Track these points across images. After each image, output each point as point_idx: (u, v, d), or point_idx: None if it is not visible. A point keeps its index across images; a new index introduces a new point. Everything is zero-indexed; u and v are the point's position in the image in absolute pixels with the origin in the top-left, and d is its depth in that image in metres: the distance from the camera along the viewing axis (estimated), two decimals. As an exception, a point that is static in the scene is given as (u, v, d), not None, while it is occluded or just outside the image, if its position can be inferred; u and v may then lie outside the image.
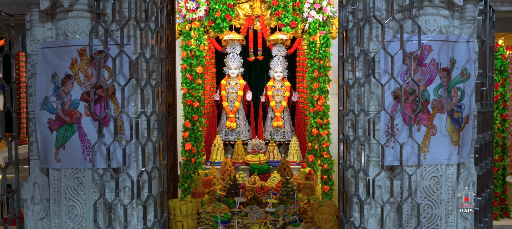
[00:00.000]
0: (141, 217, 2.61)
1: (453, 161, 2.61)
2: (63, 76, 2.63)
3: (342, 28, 2.75)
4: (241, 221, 3.16)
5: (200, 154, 4.98)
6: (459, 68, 2.61)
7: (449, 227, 2.64)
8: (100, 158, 2.59)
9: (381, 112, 2.52)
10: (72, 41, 2.61)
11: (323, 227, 2.89)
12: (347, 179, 2.78)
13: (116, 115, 2.49)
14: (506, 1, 2.73)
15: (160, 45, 2.75)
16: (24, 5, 2.76)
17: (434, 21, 2.57)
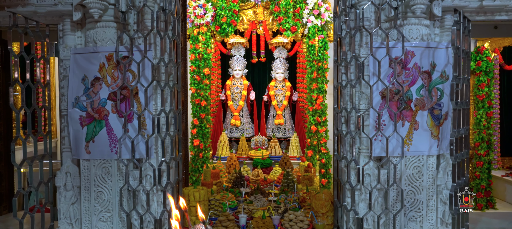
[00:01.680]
0: (160, 202, 2.99)
1: (433, 153, 2.99)
2: (92, 78, 3.01)
3: (336, 36, 3.13)
4: (246, 207, 3.54)
5: (207, 150, 5.35)
6: (439, 71, 2.99)
7: (429, 210, 3.02)
8: (125, 150, 2.97)
9: (370, 109, 2.89)
10: (101, 48, 2.99)
11: (320, 212, 3.27)
12: (340, 169, 3.15)
13: (140, 112, 2.87)
14: (480, 12, 3.10)
15: (176, 51, 3.13)
16: (57, 16, 3.14)
17: (416, 30, 2.94)
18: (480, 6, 3.01)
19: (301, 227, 3.15)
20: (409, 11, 2.89)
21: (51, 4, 3.09)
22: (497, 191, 5.48)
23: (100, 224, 3.05)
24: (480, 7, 3.02)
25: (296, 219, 3.20)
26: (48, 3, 3.10)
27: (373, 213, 2.92)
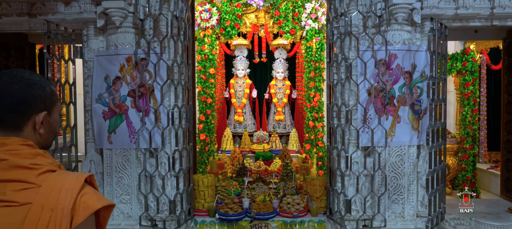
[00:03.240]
0: (174, 186, 3.40)
1: (414, 143, 3.39)
2: (114, 77, 3.43)
3: (328, 40, 3.53)
4: (249, 193, 3.96)
5: (213, 143, 5.77)
6: (419, 71, 3.39)
7: (410, 194, 3.42)
8: (142, 140, 3.38)
9: (358, 105, 3.30)
10: (121, 51, 3.40)
11: (314, 196, 3.68)
12: (332, 157, 3.56)
13: (156, 107, 3.29)
14: (456, 19, 3.49)
15: (187, 53, 3.54)
16: (82, 23, 3.55)
17: (399, 35, 3.34)
18: (455, 14, 3.40)
19: (297, 209, 3.56)
20: (392, 18, 3.28)
21: (77, 12, 3.51)
22: (483, 182, 5.87)
23: (121, 205, 3.47)
24: (455, 15, 3.42)
25: (293, 202, 3.62)
26: (74, 11, 3.52)
27: (360, 195, 3.32)
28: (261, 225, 3.43)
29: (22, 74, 1.07)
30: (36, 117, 1.06)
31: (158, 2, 3.34)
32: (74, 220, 0.96)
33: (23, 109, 1.04)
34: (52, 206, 0.94)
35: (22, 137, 1.04)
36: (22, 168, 0.98)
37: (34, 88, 1.06)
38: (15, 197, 0.94)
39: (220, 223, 3.52)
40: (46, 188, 0.96)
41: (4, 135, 1.03)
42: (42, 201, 0.94)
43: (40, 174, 0.99)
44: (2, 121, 1.03)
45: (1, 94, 1.02)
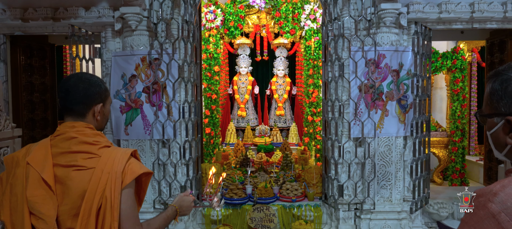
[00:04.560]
0: (184, 173, 3.78)
1: (401, 134, 3.75)
2: (130, 75, 3.80)
3: (323, 41, 3.89)
4: (252, 181, 4.34)
5: (217, 137, 6.15)
6: (406, 70, 3.74)
7: (397, 180, 3.79)
8: (156, 132, 3.76)
9: (350, 100, 3.66)
10: (136, 51, 3.77)
11: (311, 183, 4.05)
12: (327, 147, 3.92)
13: (168, 102, 3.67)
14: (440, 22, 3.83)
15: (196, 53, 3.91)
16: (100, 26, 3.92)
17: (387, 37, 3.69)
18: (438, 18, 3.75)
19: (295, 194, 3.94)
20: (381, 22, 3.63)
21: (96, 16, 3.88)
22: (472, 173, 6.23)
23: (136, 190, 3.85)
24: (439, 18, 3.76)
25: (292, 188, 3.99)
26: (93, 15, 3.89)
27: (352, 181, 3.69)
28: (263, 208, 3.80)
29: (85, 76, 1.45)
30: (95, 107, 1.44)
31: (170, 8, 3.71)
32: (124, 181, 1.33)
33: (86, 101, 1.41)
34: (109, 170, 1.32)
35: (85, 122, 1.42)
36: (87, 144, 1.36)
37: (94, 86, 1.44)
38: (84, 163, 1.32)
39: (225, 207, 3.90)
40: (104, 158, 1.34)
41: (73, 120, 1.41)
42: (102, 167, 1.32)
43: (100, 148, 1.37)
44: (71, 111, 1.41)
45: (71, 91, 1.40)
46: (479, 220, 0.78)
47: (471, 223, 0.80)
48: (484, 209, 0.77)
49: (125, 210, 1.30)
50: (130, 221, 1.31)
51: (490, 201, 0.77)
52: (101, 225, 1.27)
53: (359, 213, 3.77)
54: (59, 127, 1.41)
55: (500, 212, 0.75)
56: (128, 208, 1.31)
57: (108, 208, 1.27)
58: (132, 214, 1.33)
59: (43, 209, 1.28)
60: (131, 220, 1.32)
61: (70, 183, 1.29)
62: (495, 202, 0.76)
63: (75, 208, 1.28)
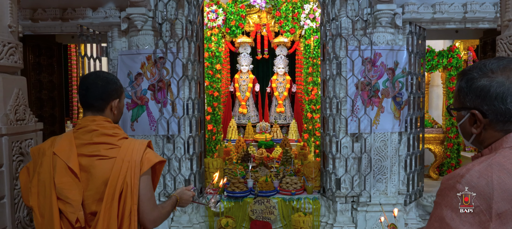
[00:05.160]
0: (188, 167, 3.94)
1: (396, 130, 3.91)
2: (136, 73, 3.96)
3: (322, 41, 4.04)
4: (253, 175, 4.50)
5: (219, 133, 6.30)
6: (401, 68, 3.89)
7: (392, 174, 3.94)
8: (161, 128, 3.92)
9: (347, 97, 3.82)
10: (142, 51, 3.92)
11: (310, 176, 4.21)
12: (325, 143, 4.08)
13: (173, 99, 3.82)
14: (434, 22, 3.98)
15: (199, 52, 4.06)
16: (107, 26, 4.07)
17: (383, 36, 3.84)
18: (432, 18, 3.90)
19: (295, 188, 4.10)
20: (377, 22, 3.78)
21: (103, 17, 4.03)
22: (467, 169, 6.38)
23: (142, 184, 4.02)
24: (433, 19, 3.91)
25: (292, 182, 4.15)
26: (100, 16, 4.03)
27: (349, 175, 3.86)
28: (263, 201, 3.97)
29: (102, 74, 1.60)
30: (112, 102, 1.59)
31: (174, 8, 3.86)
32: (142, 169, 1.49)
33: (105, 97, 1.57)
34: (129, 159, 1.48)
35: (104, 116, 1.58)
36: (108, 136, 1.52)
37: (111, 84, 1.59)
38: (106, 153, 1.48)
39: (228, 200, 4.06)
40: (124, 148, 1.50)
41: (93, 115, 1.57)
42: (122, 156, 1.48)
43: (119, 139, 1.53)
44: (91, 106, 1.57)
45: (91, 89, 1.55)
46: (449, 199, 0.93)
47: (444, 202, 0.95)
48: (453, 189, 0.92)
49: (145, 194, 1.47)
50: (149, 203, 1.48)
51: (458, 182, 0.92)
52: (122, 208, 1.43)
53: (356, 206, 3.93)
54: (80, 121, 1.57)
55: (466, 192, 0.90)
56: (147, 192, 1.48)
57: (129, 192, 1.43)
58: (150, 197, 1.49)
59: (70, 194, 1.44)
60: (150, 202, 1.48)
61: (94, 171, 1.44)
62: (462, 182, 0.91)
63: (99, 193, 1.44)
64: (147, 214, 1.48)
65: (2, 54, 1.65)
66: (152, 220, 1.51)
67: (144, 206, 1.47)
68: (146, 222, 1.50)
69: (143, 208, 1.47)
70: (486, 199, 0.86)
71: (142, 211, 1.47)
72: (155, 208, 1.52)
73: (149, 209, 1.48)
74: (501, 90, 0.93)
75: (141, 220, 1.49)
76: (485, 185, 0.87)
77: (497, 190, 0.85)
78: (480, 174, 0.89)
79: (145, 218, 1.49)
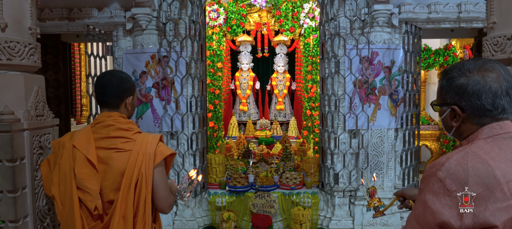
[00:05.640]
0: (191, 162, 4.07)
1: (392, 127, 4.04)
2: (140, 72, 4.08)
3: (321, 40, 4.17)
4: (254, 170, 4.63)
5: (220, 130, 6.43)
6: (397, 66, 4.02)
7: (389, 169, 4.08)
8: (165, 125, 4.04)
9: (345, 95, 3.94)
10: (146, 50, 4.04)
11: (309, 172, 4.35)
12: (324, 139, 4.21)
13: (177, 97, 3.95)
14: (429, 22, 4.10)
15: (202, 51, 4.18)
16: (112, 25, 4.19)
17: (380, 36, 3.96)
18: (427, 18, 4.02)
19: (294, 183, 4.23)
20: (374, 22, 3.90)
21: (108, 16, 4.14)
22: (463, 165, 6.53)
23: (147, 179, 4.15)
24: (428, 18, 4.03)
25: (291, 177, 4.29)
26: (106, 15, 4.15)
27: (346, 170, 3.99)
28: (264, 195, 4.10)
29: (117, 73, 1.73)
30: (127, 99, 1.72)
31: (177, 8, 3.98)
32: (155, 160, 1.62)
33: (120, 95, 1.69)
34: (143, 152, 1.60)
35: (119, 112, 1.70)
36: (123, 130, 1.65)
37: (125, 82, 1.72)
38: (123, 146, 1.61)
39: (229, 194, 4.20)
40: (139, 142, 1.63)
41: (109, 111, 1.69)
42: (137, 149, 1.61)
43: (134, 133, 1.66)
44: (107, 103, 1.69)
45: (106, 87, 1.67)
46: (431, 185, 1.06)
47: (426, 188, 1.08)
48: (435, 176, 1.05)
49: (160, 183, 1.60)
50: (166, 190, 1.62)
51: (439, 170, 1.04)
52: (138, 197, 1.56)
53: (353, 200, 4.07)
54: (98, 117, 1.69)
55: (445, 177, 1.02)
56: (162, 181, 1.61)
57: (144, 182, 1.56)
58: (165, 185, 1.63)
59: (89, 184, 1.57)
60: (165, 189, 1.62)
61: (112, 163, 1.57)
62: (442, 170, 1.04)
63: (116, 183, 1.57)
64: (165, 199, 1.62)
65: (24, 54, 1.78)
66: (169, 205, 1.65)
67: (161, 193, 1.61)
68: (165, 207, 1.64)
69: (161, 195, 1.61)
70: (462, 184, 0.99)
71: (160, 198, 1.61)
72: (170, 194, 1.66)
73: (166, 195, 1.63)
74: (477, 88, 1.06)
75: (160, 206, 1.64)
76: (462, 172, 0.99)
77: (472, 176, 0.98)
78: (457, 163, 1.01)
79: (163, 204, 1.63)
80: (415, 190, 1.46)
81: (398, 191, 1.54)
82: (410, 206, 1.51)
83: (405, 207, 1.53)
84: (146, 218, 1.59)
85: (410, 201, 1.50)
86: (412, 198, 1.47)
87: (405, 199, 1.52)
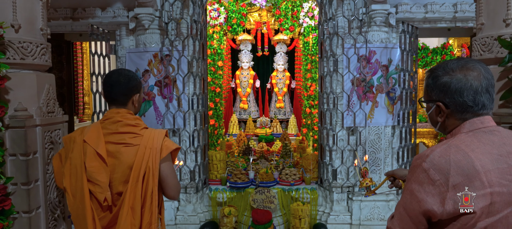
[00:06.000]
0: (193, 159, 4.17)
1: (389, 124, 4.13)
2: (143, 70, 4.17)
3: (319, 39, 4.26)
4: (254, 167, 4.73)
5: (221, 128, 6.53)
6: (394, 65, 4.11)
7: (386, 165, 4.17)
8: (167, 122, 4.14)
9: (343, 93, 4.04)
10: (149, 48, 4.13)
11: (308, 168, 4.44)
12: (322, 136, 4.31)
13: (179, 95, 4.04)
14: (426, 22, 4.19)
15: (203, 50, 4.27)
16: (115, 25, 4.28)
17: (377, 35, 4.05)
18: (424, 17, 4.11)
19: (294, 179, 4.33)
20: (372, 21, 3.99)
21: (111, 16, 4.23)
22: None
23: (149, 175, 4.24)
24: (425, 18, 4.12)
25: (291, 173, 4.38)
26: (109, 15, 4.24)
27: (345, 166, 4.09)
28: (264, 191, 4.20)
29: (124, 72, 1.82)
30: (134, 97, 1.81)
31: (179, 8, 4.07)
32: (161, 154, 1.72)
33: (127, 93, 1.79)
34: (150, 146, 1.70)
35: (126, 108, 1.80)
36: (131, 126, 1.74)
37: (132, 80, 1.81)
38: (131, 141, 1.70)
39: (230, 190, 4.29)
40: (146, 136, 1.72)
41: (117, 108, 1.79)
42: (145, 144, 1.70)
43: (141, 129, 1.75)
44: (116, 101, 1.78)
45: (114, 86, 1.76)
46: (417, 175, 1.15)
47: (413, 178, 1.17)
48: (420, 167, 1.14)
49: (169, 173, 1.71)
50: (175, 180, 1.75)
51: (423, 161, 1.14)
52: (145, 188, 1.66)
53: (351, 196, 4.16)
54: (107, 113, 1.79)
55: (429, 168, 1.11)
56: (170, 172, 1.72)
57: (151, 175, 1.65)
58: (174, 175, 1.74)
59: (98, 177, 1.66)
60: (174, 178, 1.75)
61: (121, 157, 1.67)
62: (426, 161, 1.13)
63: (125, 175, 1.66)
64: (175, 186, 1.75)
65: (36, 54, 1.87)
66: (178, 191, 1.79)
67: (171, 182, 1.73)
68: (175, 194, 1.77)
69: (171, 184, 1.73)
70: (444, 174, 1.08)
71: (170, 187, 1.73)
72: (178, 182, 1.77)
73: (175, 183, 1.76)
74: (459, 86, 1.15)
75: (171, 193, 1.76)
76: (444, 163, 1.09)
77: (453, 167, 1.07)
78: (440, 154, 1.11)
79: (173, 191, 1.76)
80: (405, 171, 1.55)
81: (388, 172, 1.62)
82: (399, 186, 1.58)
83: (395, 186, 1.60)
84: (152, 209, 1.69)
85: (400, 181, 1.57)
86: (402, 178, 1.54)
87: (395, 179, 1.60)
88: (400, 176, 1.56)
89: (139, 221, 1.67)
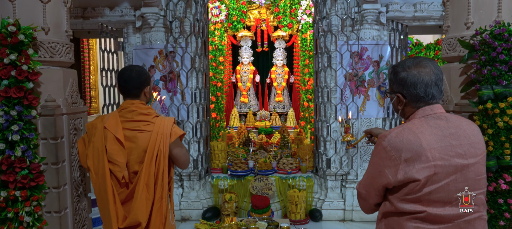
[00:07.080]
0: (196, 149, 4.46)
1: (380, 116, 4.40)
2: (149, 66, 4.45)
3: (314, 36, 4.52)
4: (253, 157, 5.02)
5: (222, 121, 6.81)
6: (385, 61, 4.38)
7: (377, 155, 4.45)
8: (171, 114, 4.42)
9: (336, 87, 4.31)
10: (154, 45, 4.41)
11: (304, 158, 4.73)
12: (317, 127, 4.59)
13: (183, 89, 4.32)
14: (415, 20, 4.44)
15: (205, 47, 4.54)
16: (123, 23, 4.54)
17: (369, 32, 4.31)
18: (413, 16, 4.36)
19: (291, 168, 4.62)
20: (364, 20, 4.25)
21: (119, 15, 4.50)
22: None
23: (155, 164, 4.54)
24: (414, 17, 4.37)
25: (288, 162, 4.67)
26: (117, 14, 4.50)
27: (338, 156, 4.37)
28: (263, 178, 4.49)
29: (135, 68, 2.10)
30: (145, 89, 2.09)
31: (183, 7, 4.33)
32: (170, 139, 2.00)
33: (140, 86, 2.07)
34: (161, 132, 1.98)
35: (139, 99, 2.08)
36: (144, 114, 2.02)
37: (143, 75, 2.09)
38: (145, 128, 1.99)
39: (231, 178, 4.59)
40: (157, 124, 2.01)
41: (131, 99, 2.07)
42: (156, 130, 1.99)
43: (153, 117, 2.04)
44: (130, 93, 2.06)
45: (128, 81, 2.04)
46: (377, 152, 1.42)
47: (375, 152, 1.44)
48: (380, 145, 1.41)
49: (179, 152, 2.02)
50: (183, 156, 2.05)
51: (383, 140, 1.41)
52: (157, 168, 1.95)
53: (345, 183, 4.45)
54: (123, 104, 2.07)
55: (387, 146, 1.38)
56: (180, 149, 2.03)
57: (162, 156, 1.94)
58: (182, 152, 2.04)
59: (117, 158, 1.95)
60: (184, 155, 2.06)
61: (137, 141, 1.95)
62: (385, 140, 1.40)
63: (140, 157, 1.95)
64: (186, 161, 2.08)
65: (62, 52, 2.15)
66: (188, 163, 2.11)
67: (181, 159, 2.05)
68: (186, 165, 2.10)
69: (181, 160, 2.05)
70: (398, 151, 1.35)
71: (181, 163, 2.05)
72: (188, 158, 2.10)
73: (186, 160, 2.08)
74: (414, 80, 1.42)
75: (182, 167, 2.09)
76: (399, 142, 1.36)
77: (405, 145, 1.34)
78: (396, 135, 1.38)
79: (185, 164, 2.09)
80: (380, 130, 1.81)
81: (366, 130, 1.88)
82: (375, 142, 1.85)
83: (371, 142, 1.87)
84: (163, 185, 1.98)
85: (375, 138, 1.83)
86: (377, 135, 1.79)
87: (372, 136, 1.87)
88: (375, 134, 1.82)
89: (152, 195, 1.96)
